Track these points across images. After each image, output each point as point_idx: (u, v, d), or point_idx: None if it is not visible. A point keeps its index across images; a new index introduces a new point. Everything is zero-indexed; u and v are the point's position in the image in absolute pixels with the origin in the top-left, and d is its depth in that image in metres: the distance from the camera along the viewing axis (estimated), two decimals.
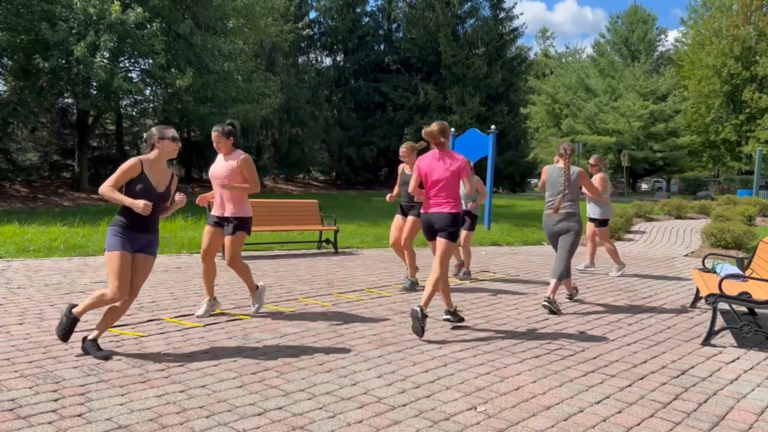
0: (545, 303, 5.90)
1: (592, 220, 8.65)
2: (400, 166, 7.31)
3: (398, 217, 7.16)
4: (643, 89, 45.27)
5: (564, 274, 6.05)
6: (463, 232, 7.86)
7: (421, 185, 5.29)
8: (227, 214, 5.27)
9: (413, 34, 37.81)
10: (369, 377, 3.86)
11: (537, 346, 4.72)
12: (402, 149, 7.09)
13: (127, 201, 3.96)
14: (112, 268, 3.95)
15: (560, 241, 6.15)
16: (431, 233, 5.22)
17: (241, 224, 5.27)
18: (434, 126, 5.20)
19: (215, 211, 5.36)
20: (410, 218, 6.92)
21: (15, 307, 5.40)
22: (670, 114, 44.04)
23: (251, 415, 3.21)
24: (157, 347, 4.33)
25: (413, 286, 6.99)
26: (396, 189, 7.27)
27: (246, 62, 22.96)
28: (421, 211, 5.33)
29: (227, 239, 5.29)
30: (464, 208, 7.70)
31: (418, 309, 4.75)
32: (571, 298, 6.65)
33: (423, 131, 5.24)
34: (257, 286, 5.54)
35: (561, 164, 6.20)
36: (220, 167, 5.28)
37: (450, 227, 5.04)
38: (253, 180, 5.25)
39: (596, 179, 8.47)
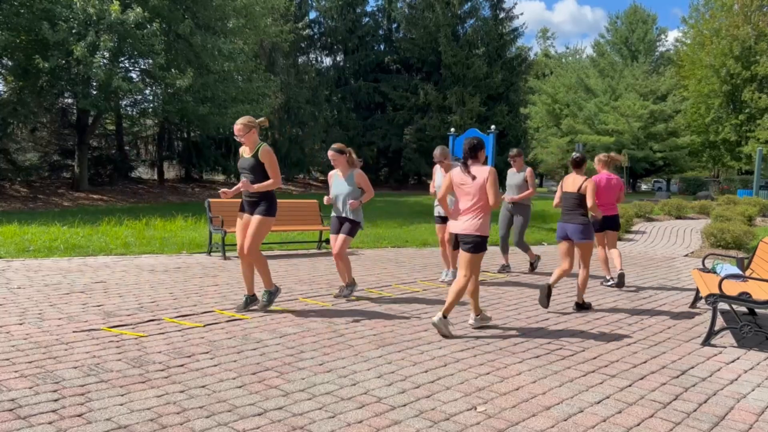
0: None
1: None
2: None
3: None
4: (643, 89, 45.27)
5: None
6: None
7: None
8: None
9: (413, 35, 37.79)
10: (369, 377, 3.86)
11: (537, 346, 4.72)
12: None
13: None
14: None
15: None
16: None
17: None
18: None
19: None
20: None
21: (15, 307, 5.40)
22: (670, 114, 44.04)
23: (251, 415, 3.21)
24: (157, 347, 4.33)
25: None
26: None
27: (246, 62, 22.95)
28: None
29: None
30: None
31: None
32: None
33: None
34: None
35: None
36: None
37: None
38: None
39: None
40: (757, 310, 6.15)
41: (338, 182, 6.40)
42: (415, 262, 9.35)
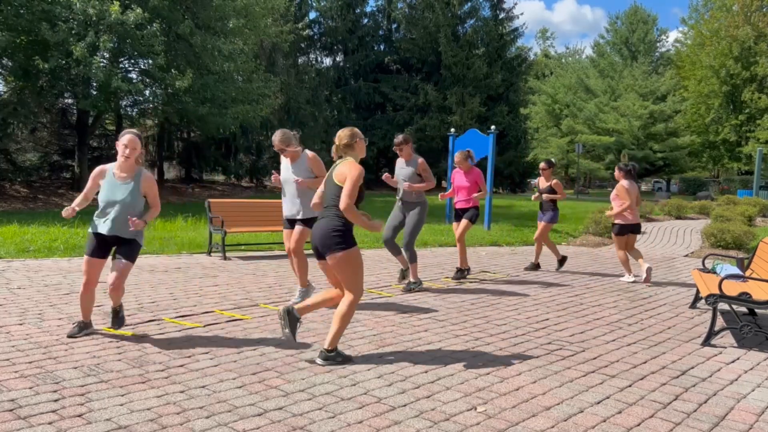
0: None
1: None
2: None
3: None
4: (643, 89, 45.31)
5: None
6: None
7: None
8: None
9: (413, 35, 37.80)
10: (369, 377, 3.86)
11: (537, 347, 4.72)
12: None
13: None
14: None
15: None
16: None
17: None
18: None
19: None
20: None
21: (15, 307, 5.40)
22: (669, 114, 44.08)
23: (251, 415, 3.21)
24: (157, 347, 4.33)
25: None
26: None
27: (246, 63, 22.93)
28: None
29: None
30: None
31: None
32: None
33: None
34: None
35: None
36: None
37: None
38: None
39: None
40: (757, 311, 6.15)
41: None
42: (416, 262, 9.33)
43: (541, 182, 8.89)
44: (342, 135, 4.31)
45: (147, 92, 21.52)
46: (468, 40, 37.27)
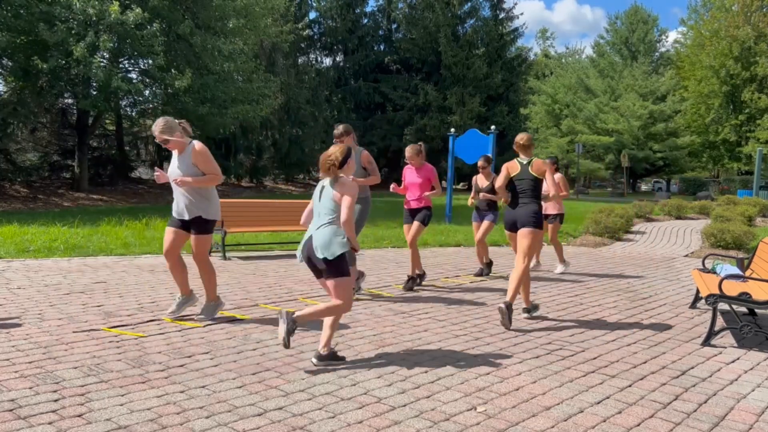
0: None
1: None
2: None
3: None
4: (643, 89, 45.31)
5: None
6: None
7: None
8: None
9: (413, 35, 37.82)
10: (369, 377, 3.86)
11: (537, 346, 4.72)
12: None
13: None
14: None
15: None
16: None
17: None
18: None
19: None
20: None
21: (15, 307, 5.40)
22: (669, 114, 44.09)
23: (251, 415, 3.21)
24: (157, 347, 4.33)
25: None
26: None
27: (246, 63, 22.95)
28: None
29: None
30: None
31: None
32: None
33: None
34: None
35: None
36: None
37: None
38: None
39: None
40: (757, 311, 6.15)
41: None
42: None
43: (480, 180, 8.18)
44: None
45: (147, 92, 21.54)
46: (468, 40, 37.29)
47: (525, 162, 5.67)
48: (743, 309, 6.13)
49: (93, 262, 8.12)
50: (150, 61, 20.50)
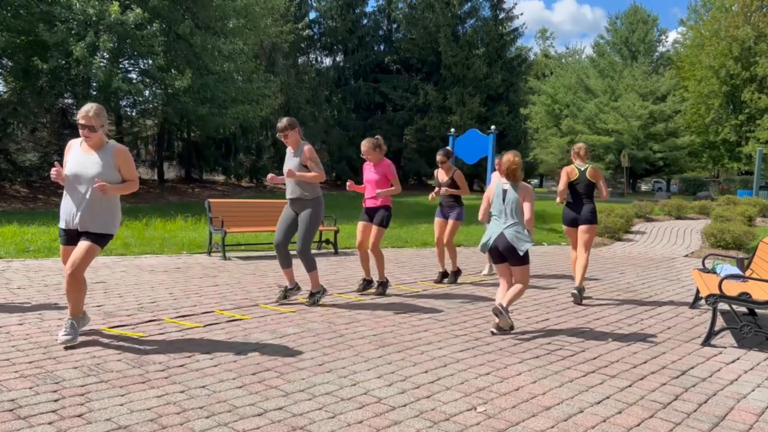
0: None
1: None
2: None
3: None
4: (643, 89, 45.30)
5: None
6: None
7: None
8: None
9: (413, 35, 37.79)
10: (369, 377, 3.86)
11: (537, 346, 4.72)
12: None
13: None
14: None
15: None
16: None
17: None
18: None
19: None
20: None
21: (15, 307, 5.40)
22: (669, 114, 44.08)
23: (251, 415, 3.21)
24: (157, 347, 4.33)
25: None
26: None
27: (246, 63, 22.94)
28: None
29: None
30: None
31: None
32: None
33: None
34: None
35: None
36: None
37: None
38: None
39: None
40: (757, 311, 6.15)
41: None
42: (415, 262, 9.35)
43: (440, 175, 7.56)
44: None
45: (147, 92, 21.53)
46: (468, 40, 37.26)
47: (582, 168, 6.67)
48: (743, 309, 6.13)
49: (93, 262, 8.12)
50: (150, 61, 20.49)
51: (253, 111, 23.05)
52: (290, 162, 5.86)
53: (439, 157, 7.42)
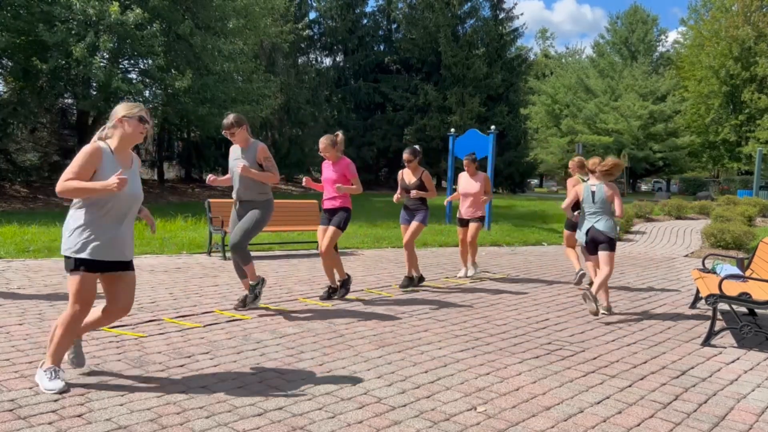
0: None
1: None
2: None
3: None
4: (643, 89, 45.33)
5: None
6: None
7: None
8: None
9: (413, 35, 37.80)
10: (369, 377, 3.86)
11: (537, 347, 4.72)
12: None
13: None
14: None
15: None
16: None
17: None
18: None
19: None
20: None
21: (15, 307, 5.40)
22: (669, 114, 44.10)
23: (251, 415, 3.21)
24: (157, 347, 4.33)
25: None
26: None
27: (246, 63, 22.94)
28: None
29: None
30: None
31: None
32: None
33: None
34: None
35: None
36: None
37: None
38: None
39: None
40: (757, 311, 6.15)
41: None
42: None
43: (407, 176, 7.15)
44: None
45: (147, 92, 21.53)
46: (468, 40, 37.27)
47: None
48: (743, 309, 6.13)
49: None
50: (150, 62, 20.48)
51: (253, 111, 23.03)
52: (238, 161, 5.43)
53: (405, 156, 6.96)
